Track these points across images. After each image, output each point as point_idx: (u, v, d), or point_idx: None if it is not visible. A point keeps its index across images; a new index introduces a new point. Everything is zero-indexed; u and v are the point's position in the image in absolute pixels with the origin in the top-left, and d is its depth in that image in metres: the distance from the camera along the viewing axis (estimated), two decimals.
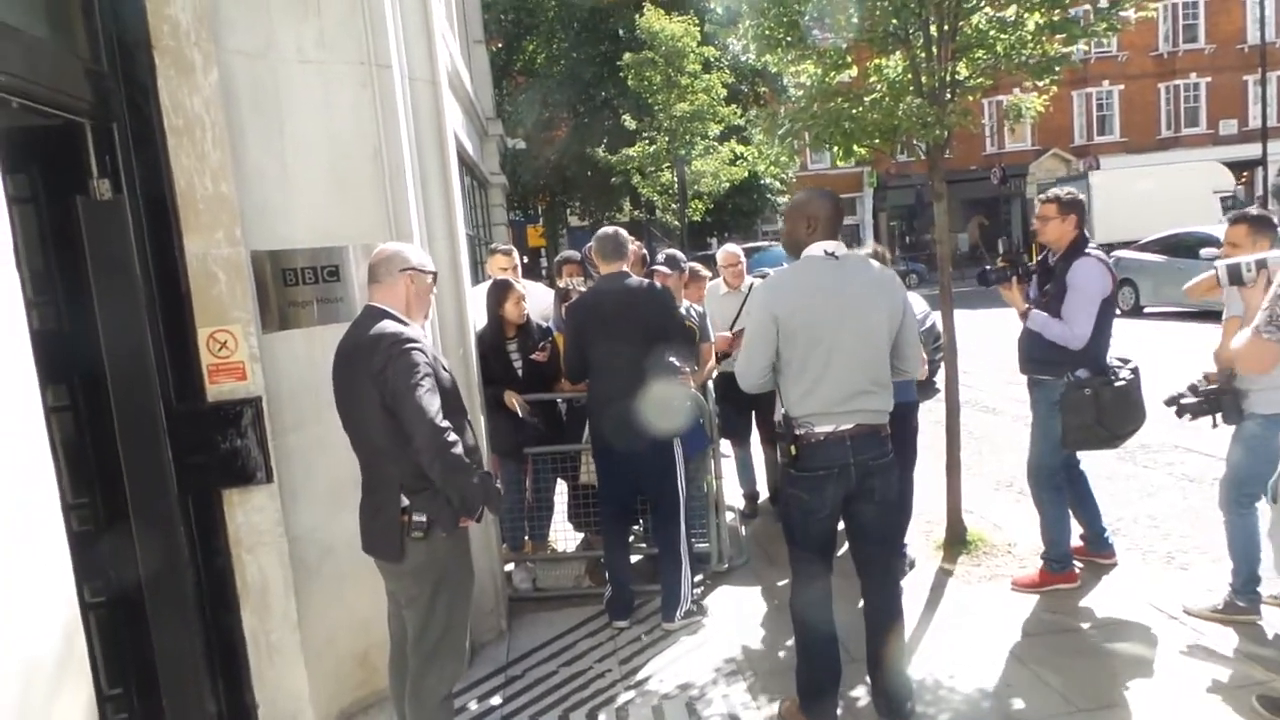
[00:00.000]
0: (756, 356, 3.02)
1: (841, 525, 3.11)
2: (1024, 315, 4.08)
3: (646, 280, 4.25)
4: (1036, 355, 4.07)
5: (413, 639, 2.75)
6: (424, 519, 2.60)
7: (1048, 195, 4.15)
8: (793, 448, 2.97)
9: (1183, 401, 3.62)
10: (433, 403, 2.49)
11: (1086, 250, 3.95)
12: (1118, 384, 3.85)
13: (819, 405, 2.94)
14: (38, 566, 1.89)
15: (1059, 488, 4.20)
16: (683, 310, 4.81)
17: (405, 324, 2.68)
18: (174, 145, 3.00)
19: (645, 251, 5.29)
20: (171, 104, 2.98)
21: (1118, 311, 4.19)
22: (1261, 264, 2.91)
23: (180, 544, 3.05)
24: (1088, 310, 3.84)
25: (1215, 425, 3.58)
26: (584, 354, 4.14)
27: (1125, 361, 4.06)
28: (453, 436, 2.49)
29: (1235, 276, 2.97)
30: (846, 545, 3.24)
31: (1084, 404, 3.82)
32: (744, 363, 3.08)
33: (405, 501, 2.62)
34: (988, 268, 4.26)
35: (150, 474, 2.99)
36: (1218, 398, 3.54)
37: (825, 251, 2.99)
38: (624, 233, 4.33)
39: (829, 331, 2.92)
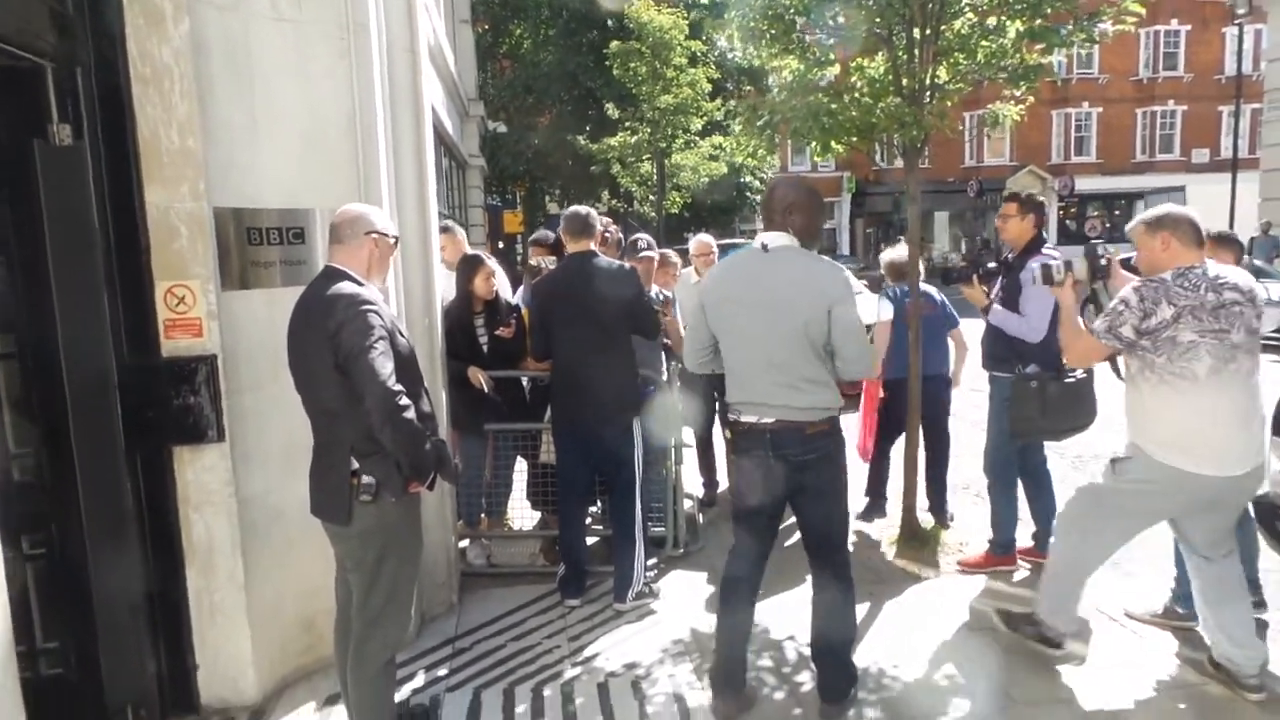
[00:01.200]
0: (690, 339, 3.24)
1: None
2: (985, 310, 4.25)
3: (616, 261, 4.24)
4: (996, 352, 4.29)
5: (357, 603, 2.73)
6: (373, 482, 2.57)
7: (1009, 194, 4.36)
8: (728, 431, 3.09)
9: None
10: (385, 365, 2.46)
11: (1042, 250, 4.12)
12: (1066, 380, 3.95)
13: (740, 394, 3.03)
14: None
15: (1011, 479, 4.44)
16: (652, 294, 4.82)
17: (363, 285, 2.65)
18: (140, 94, 2.95)
19: (621, 237, 5.26)
20: (139, 52, 2.93)
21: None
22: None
23: (126, 500, 3.02)
24: (1042, 305, 3.97)
25: None
26: (549, 332, 4.15)
27: None
28: (405, 400, 2.47)
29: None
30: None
31: (1029, 396, 3.94)
32: (685, 343, 3.32)
33: (355, 465, 2.59)
34: (948, 267, 4.40)
35: (98, 428, 2.94)
36: None
37: (761, 244, 3.01)
38: (594, 212, 4.33)
39: (743, 323, 2.97)
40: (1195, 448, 2.95)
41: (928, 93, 4.50)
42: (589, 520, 4.71)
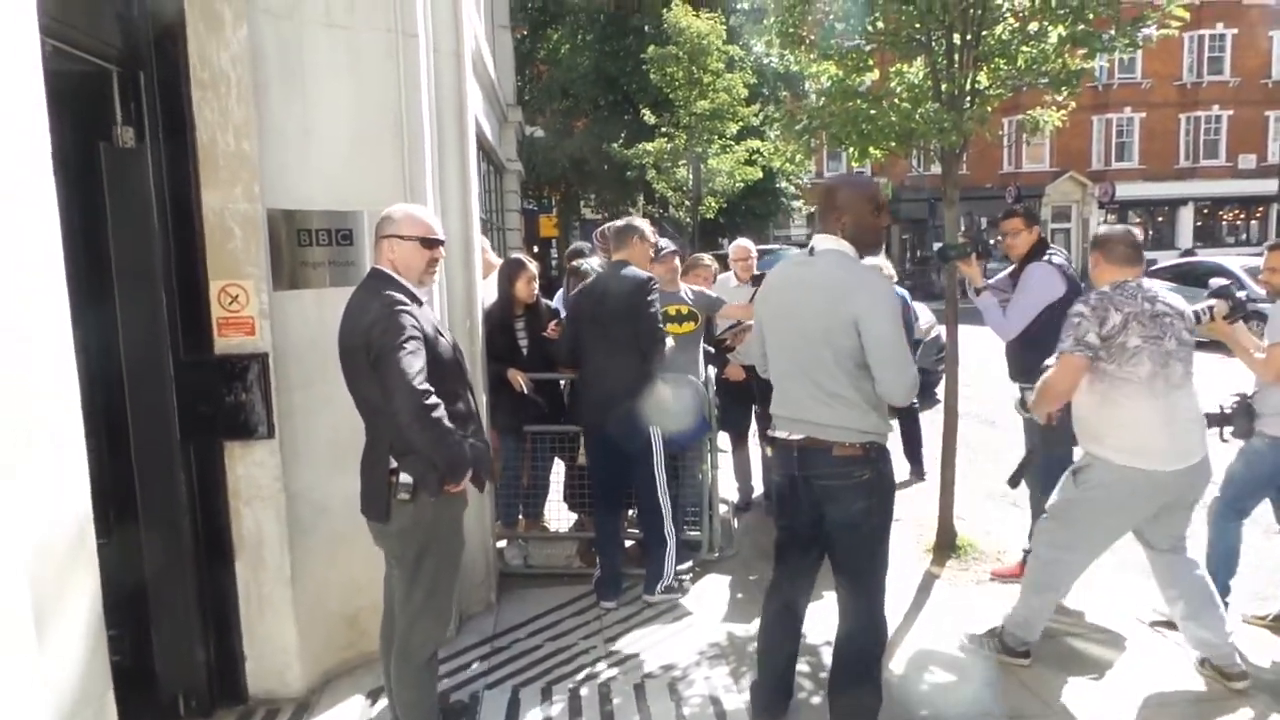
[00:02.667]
0: (753, 344, 3.12)
1: None
2: (979, 292, 4.30)
3: (642, 272, 4.22)
4: (1023, 365, 4.22)
5: (400, 600, 2.78)
6: (410, 481, 2.61)
7: (1010, 211, 4.45)
8: (768, 448, 2.97)
9: (1206, 411, 3.69)
10: (414, 364, 2.46)
11: (1044, 256, 4.21)
12: None
13: (778, 407, 2.88)
14: (56, 459, 1.93)
15: (1050, 489, 4.27)
16: (682, 293, 4.83)
17: (402, 287, 2.67)
18: (198, 99, 3.04)
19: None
20: (199, 57, 3.03)
21: None
22: (1210, 310, 3.51)
23: (180, 492, 3.10)
24: (1027, 310, 4.11)
25: (1224, 440, 3.66)
26: (575, 338, 4.27)
27: None
28: (433, 400, 2.46)
29: (1197, 319, 3.38)
30: None
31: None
32: (754, 347, 3.14)
33: (394, 463, 2.63)
34: (946, 245, 4.39)
35: (155, 423, 3.03)
36: (1234, 412, 3.67)
37: (810, 247, 2.86)
38: (637, 222, 4.40)
39: (780, 330, 2.85)
40: (1147, 445, 3.10)
41: (967, 98, 4.48)
42: (625, 523, 4.74)
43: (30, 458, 1.82)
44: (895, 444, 4.16)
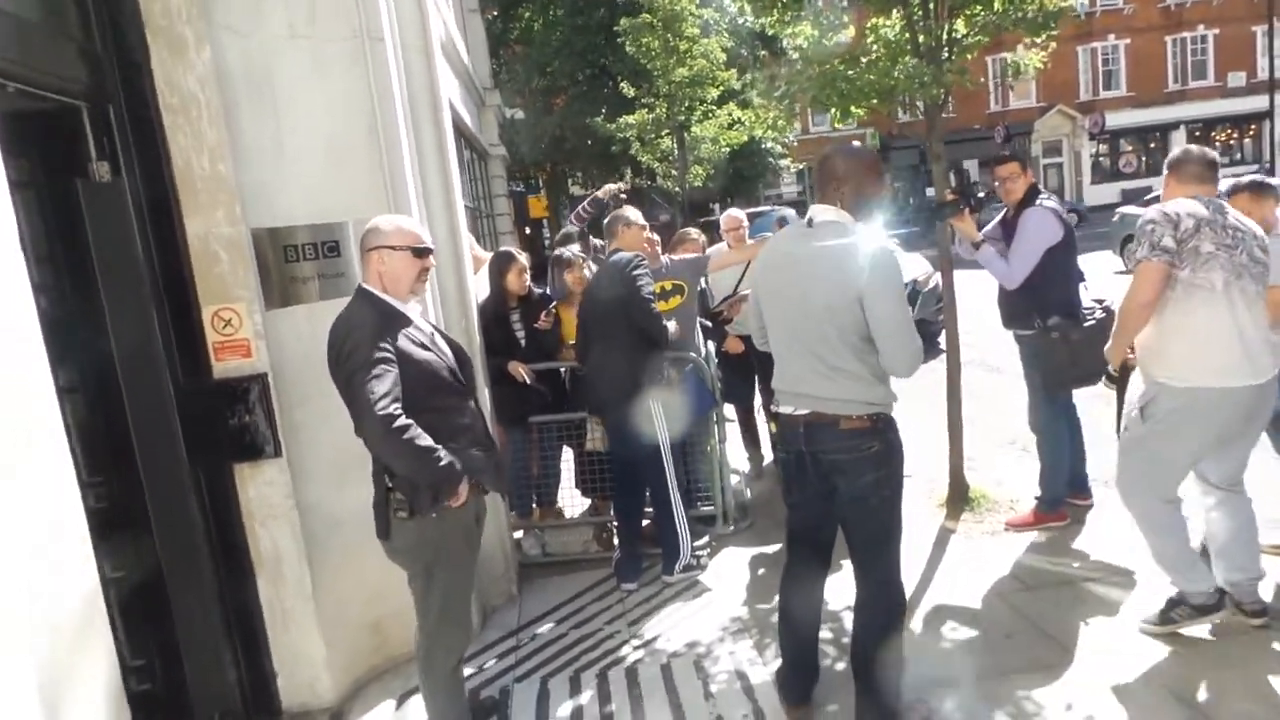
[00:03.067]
0: (750, 316, 3.12)
1: None
2: (977, 246, 4.29)
3: (623, 254, 4.22)
4: (1015, 310, 4.28)
5: (418, 614, 2.80)
6: (405, 499, 2.60)
7: (1003, 155, 4.44)
8: (772, 424, 2.95)
9: None
10: (377, 388, 2.42)
11: (1038, 200, 4.19)
12: (1087, 324, 4.04)
13: (780, 381, 2.86)
14: (57, 536, 1.94)
15: (1059, 434, 4.40)
16: (664, 262, 4.81)
17: (382, 304, 2.65)
18: (170, 125, 3.02)
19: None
20: (166, 83, 3.00)
21: (1124, 268, 4.34)
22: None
23: (195, 518, 3.12)
24: (1030, 255, 4.11)
25: None
26: (584, 338, 4.35)
27: (1100, 301, 4.25)
28: (401, 422, 2.41)
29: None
30: None
31: (1055, 348, 4.04)
32: (751, 321, 3.14)
33: (390, 483, 2.63)
34: (938, 203, 4.38)
35: (162, 451, 3.04)
36: None
37: (809, 218, 2.81)
38: (621, 211, 4.42)
39: (780, 304, 2.82)
40: (1220, 358, 3.00)
41: (945, 49, 4.43)
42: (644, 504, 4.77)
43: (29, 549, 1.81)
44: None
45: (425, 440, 2.48)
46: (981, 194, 4.36)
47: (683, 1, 17.11)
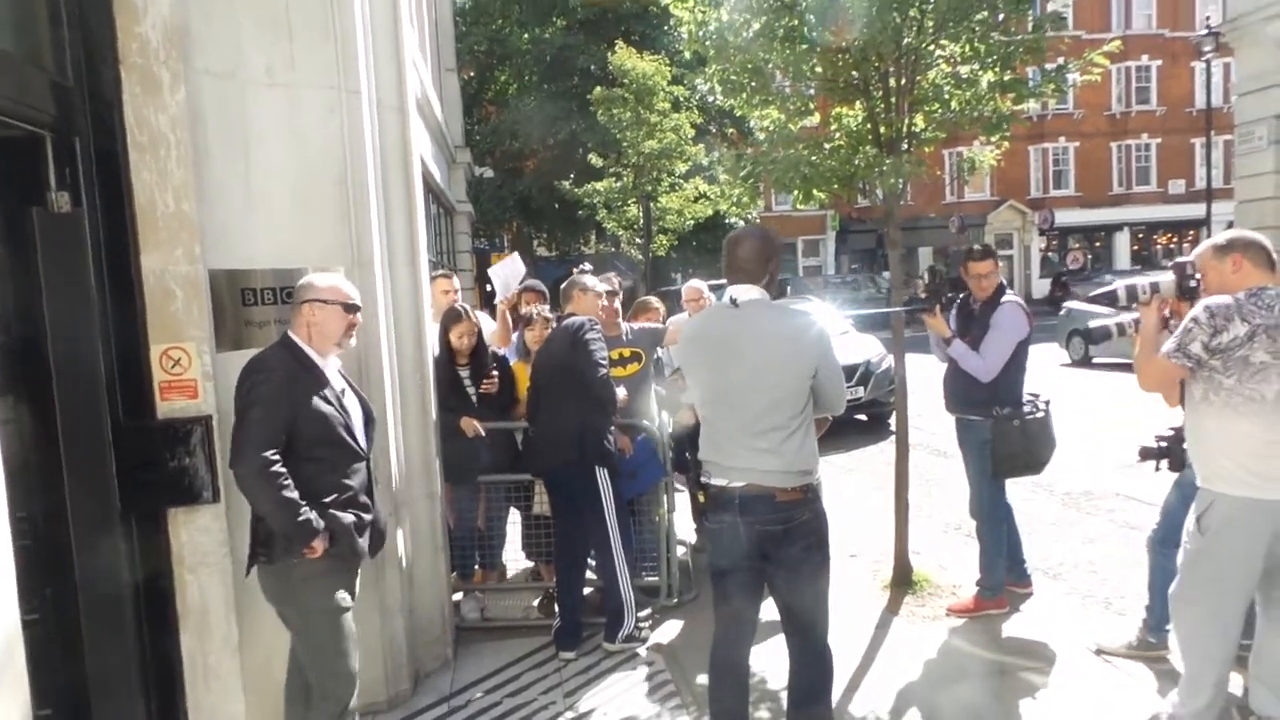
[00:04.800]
0: (678, 392, 3.20)
1: None
2: (948, 342, 4.37)
3: (577, 316, 4.27)
4: (968, 396, 4.36)
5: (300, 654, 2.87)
6: (265, 545, 2.73)
7: (983, 251, 4.52)
8: (701, 494, 3.00)
9: (1143, 445, 3.72)
10: (253, 433, 2.62)
11: (1004, 295, 4.35)
12: (1039, 415, 4.24)
13: (712, 453, 2.91)
14: None
15: (1001, 520, 4.49)
16: (623, 333, 4.86)
17: (301, 354, 2.78)
18: (136, 161, 3.00)
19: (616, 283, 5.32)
20: (136, 121, 2.99)
21: (1069, 361, 4.48)
22: (1155, 287, 3.13)
23: (121, 561, 3.01)
24: (1004, 349, 4.23)
25: (1157, 469, 3.64)
26: (534, 398, 4.33)
27: (1036, 396, 4.40)
28: (276, 469, 2.61)
29: (1132, 296, 3.19)
30: None
31: (1013, 435, 4.16)
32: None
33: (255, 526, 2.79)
34: (910, 298, 4.49)
35: (94, 489, 2.94)
36: (1170, 445, 3.58)
37: (730, 298, 2.90)
38: (579, 278, 4.47)
39: (716, 382, 2.88)
40: (1268, 471, 2.81)
41: (905, 141, 4.61)
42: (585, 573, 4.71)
43: None
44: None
45: (291, 493, 2.64)
46: (950, 295, 4.44)
47: (655, 77, 17.60)
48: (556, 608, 4.38)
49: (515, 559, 5.09)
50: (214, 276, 3.18)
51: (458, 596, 4.75)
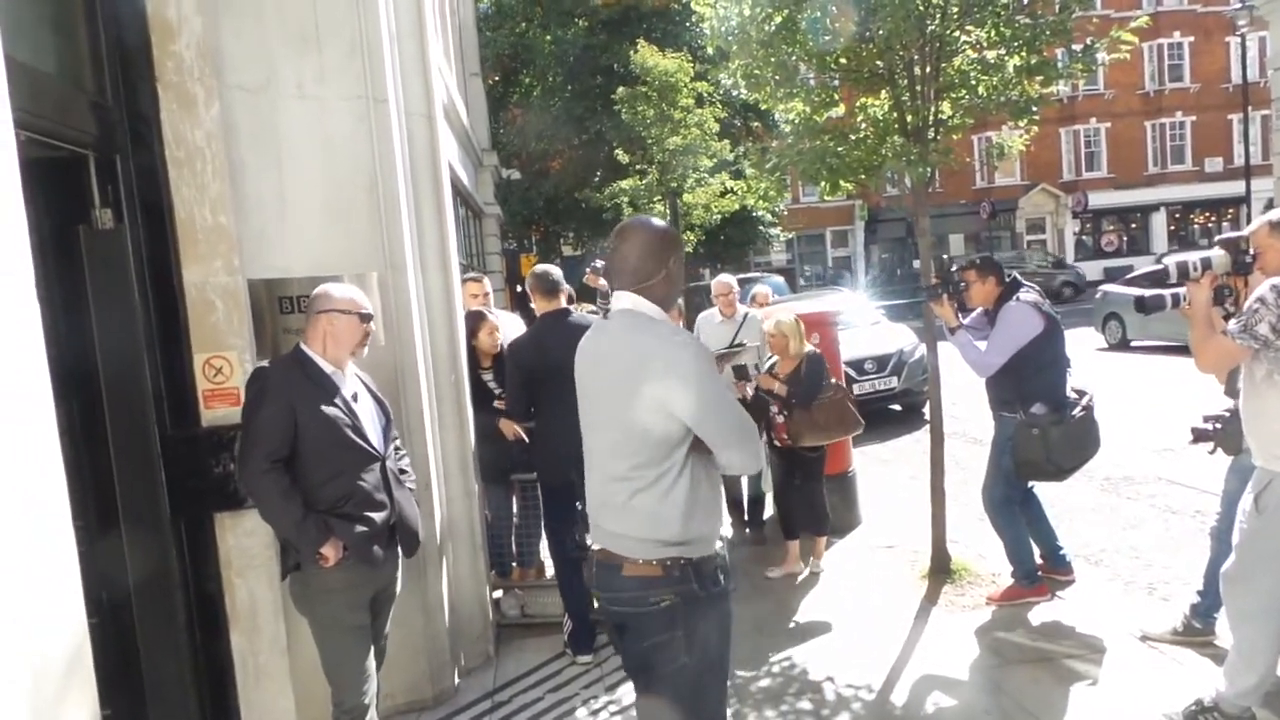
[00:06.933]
0: None
1: None
2: (953, 331, 4.33)
3: (585, 317, 4.20)
4: (1001, 395, 4.33)
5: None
6: (288, 554, 2.82)
7: (966, 263, 4.48)
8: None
9: (1194, 427, 3.65)
10: (251, 442, 2.69)
11: (1018, 295, 4.23)
12: (1067, 420, 4.10)
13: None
14: (50, 570, 1.92)
15: (1012, 512, 4.45)
16: None
17: (312, 366, 2.81)
18: (175, 177, 3.09)
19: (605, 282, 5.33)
20: (174, 137, 3.08)
21: (1105, 345, 4.39)
22: (1207, 263, 2.97)
23: (172, 566, 3.10)
24: (1004, 348, 4.16)
25: (1212, 452, 3.58)
26: (529, 391, 4.15)
27: (1082, 394, 4.27)
28: (279, 476, 2.67)
29: (1183, 272, 3.01)
30: None
31: (1032, 442, 4.11)
32: None
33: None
34: (923, 285, 4.46)
35: (144, 497, 3.04)
36: (1224, 427, 3.49)
37: (607, 308, 2.33)
38: (555, 270, 4.40)
39: (583, 415, 2.29)
40: None
41: (932, 129, 4.59)
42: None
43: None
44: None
45: (291, 500, 2.68)
46: (963, 283, 4.39)
47: (678, 74, 17.58)
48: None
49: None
50: (253, 286, 3.27)
51: (497, 595, 4.81)
